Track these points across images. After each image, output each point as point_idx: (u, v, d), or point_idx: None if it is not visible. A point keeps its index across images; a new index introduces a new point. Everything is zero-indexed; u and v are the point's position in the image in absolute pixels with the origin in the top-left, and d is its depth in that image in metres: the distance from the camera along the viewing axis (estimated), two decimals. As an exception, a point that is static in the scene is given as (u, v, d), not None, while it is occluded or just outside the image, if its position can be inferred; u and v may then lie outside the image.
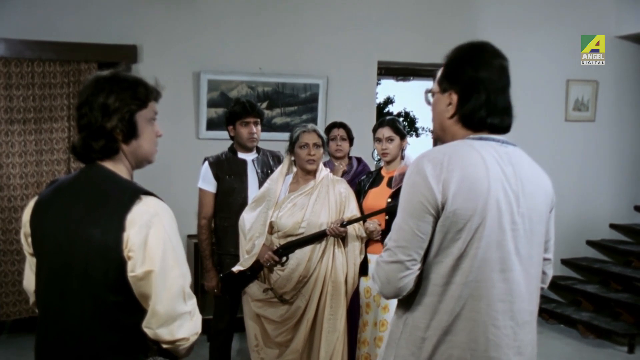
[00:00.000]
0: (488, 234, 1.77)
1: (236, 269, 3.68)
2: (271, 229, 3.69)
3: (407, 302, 1.87)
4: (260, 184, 4.01)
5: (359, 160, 4.68)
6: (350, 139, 4.62)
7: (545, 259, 2.01)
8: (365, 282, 3.79)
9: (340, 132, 4.59)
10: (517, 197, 1.83)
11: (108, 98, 1.79)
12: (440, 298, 1.81)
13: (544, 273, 2.01)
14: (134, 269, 1.70)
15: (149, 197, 1.76)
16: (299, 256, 3.58)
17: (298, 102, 5.92)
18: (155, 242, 1.70)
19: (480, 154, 1.82)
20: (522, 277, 1.84)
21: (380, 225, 3.66)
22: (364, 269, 3.74)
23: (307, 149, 3.65)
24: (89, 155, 1.81)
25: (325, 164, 4.52)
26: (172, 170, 5.54)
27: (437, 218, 1.77)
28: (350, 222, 3.57)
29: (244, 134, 4.06)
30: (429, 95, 2.00)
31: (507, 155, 1.86)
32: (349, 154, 4.65)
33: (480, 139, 1.87)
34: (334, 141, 4.56)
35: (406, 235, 1.80)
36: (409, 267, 1.80)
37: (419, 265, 1.81)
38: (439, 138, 1.99)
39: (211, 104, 5.69)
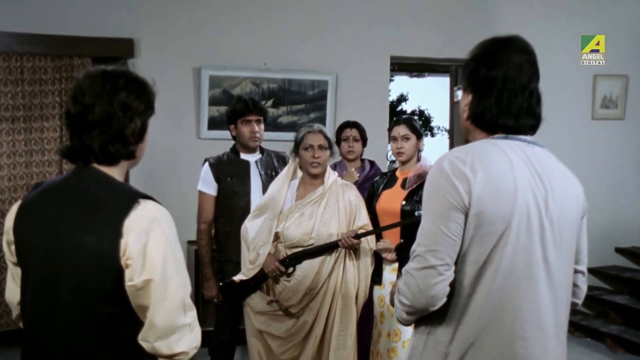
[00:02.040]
0: (514, 239, 1.77)
1: (238, 278, 3.69)
2: (276, 238, 3.69)
3: (429, 315, 1.85)
4: (264, 186, 4.02)
5: (372, 163, 4.66)
6: (364, 139, 4.61)
7: (577, 271, 2.00)
8: (379, 291, 3.80)
9: (353, 132, 4.58)
10: (545, 200, 1.83)
11: (129, 97, 1.79)
12: (464, 309, 1.81)
13: (576, 286, 2.00)
14: (132, 278, 1.69)
15: (148, 201, 1.75)
16: (307, 267, 3.57)
17: (305, 99, 5.93)
18: (155, 250, 1.70)
19: (506, 154, 1.83)
20: (550, 286, 1.83)
21: (391, 244, 3.67)
22: (377, 277, 3.76)
23: (311, 151, 3.65)
24: (86, 157, 1.80)
25: (335, 165, 4.53)
26: (171, 172, 5.56)
27: (465, 218, 1.77)
28: (365, 234, 3.57)
29: (246, 133, 4.07)
30: (458, 92, 2.02)
31: (535, 156, 1.87)
32: (361, 155, 4.65)
33: (506, 138, 1.88)
34: (346, 142, 4.55)
35: (436, 238, 1.78)
36: (442, 272, 1.78)
37: (452, 270, 1.80)
38: (467, 141, 2.00)
39: (213, 101, 5.70)
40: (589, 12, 6.40)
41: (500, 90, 1.87)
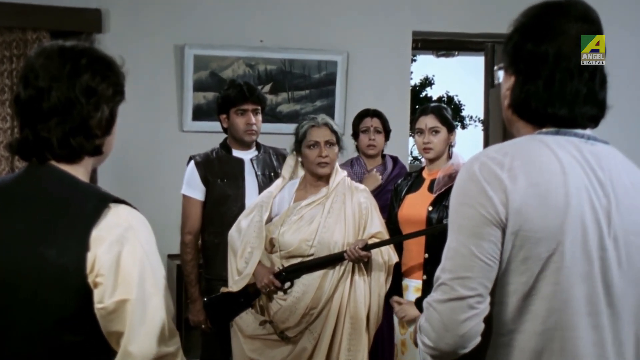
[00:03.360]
0: (567, 264, 1.67)
1: (224, 290, 3.72)
2: (272, 247, 3.70)
3: (462, 357, 1.75)
4: (261, 189, 4.03)
5: (395, 160, 4.66)
6: (387, 131, 4.61)
7: None
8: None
9: (375, 122, 4.58)
10: (607, 213, 1.71)
11: (93, 80, 1.79)
12: (506, 351, 1.73)
13: None
14: (103, 299, 1.68)
15: (121, 205, 1.74)
16: (307, 282, 3.58)
17: (310, 84, 5.94)
18: (130, 264, 1.68)
19: (556, 154, 1.73)
20: (614, 323, 1.73)
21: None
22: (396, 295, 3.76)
23: (317, 149, 3.65)
24: (42, 152, 1.79)
25: (352, 163, 4.52)
26: (148, 173, 5.57)
27: (503, 236, 1.68)
28: (375, 245, 3.57)
29: (240, 126, 4.08)
30: (499, 72, 1.93)
31: (595, 156, 1.76)
32: (383, 151, 4.64)
33: (557, 133, 1.78)
34: (365, 134, 4.55)
35: (466, 261, 1.68)
36: (473, 305, 1.67)
37: (486, 303, 1.70)
38: (507, 136, 1.95)
39: (199, 86, 5.71)
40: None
41: (552, 71, 1.77)
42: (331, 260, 3.57)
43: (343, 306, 3.59)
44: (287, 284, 3.62)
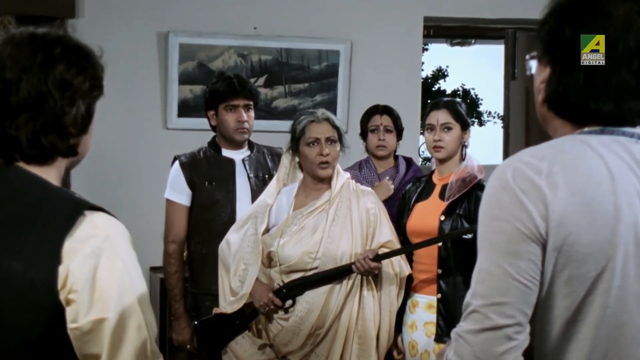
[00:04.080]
0: (620, 283, 1.62)
1: (217, 311, 3.69)
2: (269, 262, 3.69)
3: None
4: (254, 193, 4.04)
5: (409, 161, 4.64)
6: (399, 130, 4.60)
7: None
8: (409, 334, 3.79)
9: (385, 120, 4.56)
10: None
11: (68, 72, 1.77)
12: None
13: None
14: (77, 319, 1.66)
15: (97, 213, 1.73)
16: (311, 299, 3.56)
17: (309, 77, 5.95)
18: (107, 279, 1.66)
19: (602, 157, 1.67)
20: None
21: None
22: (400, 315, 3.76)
23: (317, 147, 3.64)
24: (9, 153, 1.78)
25: (361, 165, 4.51)
26: (127, 175, 5.58)
27: (543, 253, 1.62)
28: (387, 255, 3.55)
29: (230, 123, 4.08)
30: (531, 62, 1.87)
31: None
32: (395, 151, 4.64)
33: (602, 132, 1.72)
34: (375, 133, 4.54)
35: (500, 284, 1.62)
36: (511, 336, 1.60)
37: (526, 332, 1.64)
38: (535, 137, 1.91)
39: (185, 79, 5.71)
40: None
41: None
42: (338, 274, 3.57)
43: (352, 325, 3.58)
44: (289, 302, 3.60)
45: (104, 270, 1.67)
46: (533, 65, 1.86)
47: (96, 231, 1.70)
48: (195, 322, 3.86)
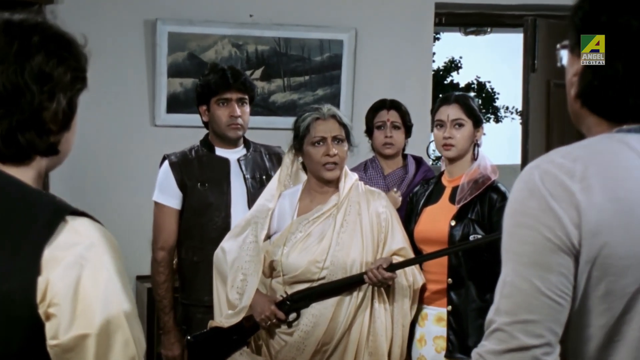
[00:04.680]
0: None
1: (213, 325, 3.68)
2: (271, 271, 3.69)
3: None
4: (250, 196, 4.05)
5: (418, 161, 4.64)
6: (407, 127, 4.60)
7: None
8: (418, 350, 3.80)
9: (392, 115, 4.56)
10: None
11: (48, 63, 1.76)
12: None
13: None
14: (58, 334, 1.64)
15: (80, 218, 1.71)
16: (318, 312, 3.56)
17: (310, 69, 5.95)
18: (91, 291, 1.64)
19: None
20: None
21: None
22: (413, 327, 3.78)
23: (323, 147, 3.64)
24: None
25: (367, 165, 4.51)
26: (113, 176, 5.58)
27: (575, 266, 1.60)
28: (402, 265, 3.55)
29: (223, 119, 4.08)
30: (562, 52, 1.84)
31: None
32: (404, 150, 4.64)
33: None
34: (381, 130, 4.53)
35: (527, 299, 1.59)
36: (540, 357, 1.57)
37: (557, 354, 1.60)
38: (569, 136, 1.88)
39: (175, 71, 5.72)
40: None
41: (636, 49, 1.67)
42: (347, 284, 3.57)
43: (362, 340, 3.59)
44: (293, 315, 3.59)
45: (87, 282, 1.66)
46: (564, 55, 1.82)
47: (79, 238, 1.69)
48: (189, 337, 3.84)
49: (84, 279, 1.67)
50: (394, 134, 4.51)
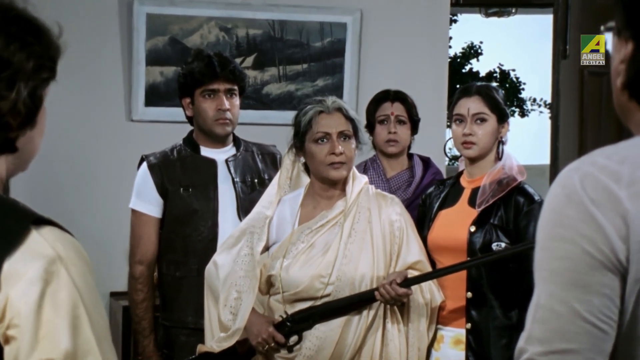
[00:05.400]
0: None
1: (202, 350, 3.69)
2: (269, 288, 3.70)
3: None
4: (240, 202, 4.08)
5: (426, 162, 4.65)
6: (413, 121, 4.60)
7: None
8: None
9: (396, 108, 4.57)
10: None
11: (7, 48, 1.77)
12: None
13: None
14: (18, 359, 1.68)
15: (45, 227, 1.72)
16: (323, 334, 3.57)
17: (309, 56, 5.98)
18: (57, 310, 1.66)
19: None
20: None
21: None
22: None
23: (328, 144, 3.64)
24: None
25: (366, 166, 4.52)
26: (83, 179, 5.59)
27: (623, 285, 1.56)
28: (418, 280, 3.55)
29: (209, 112, 4.09)
30: (608, 36, 1.85)
31: None
32: (409, 148, 4.64)
33: None
34: (383, 125, 4.54)
35: (565, 325, 1.58)
36: None
37: None
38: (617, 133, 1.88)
39: (154, 58, 5.74)
40: None
41: None
42: (356, 302, 3.57)
43: None
44: (294, 339, 3.60)
45: (52, 300, 1.67)
46: (609, 39, 1.83)
47: (43, 250, 1.69)
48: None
49: (48, 296, 1.67)
50: (399, 130, 4.51)
